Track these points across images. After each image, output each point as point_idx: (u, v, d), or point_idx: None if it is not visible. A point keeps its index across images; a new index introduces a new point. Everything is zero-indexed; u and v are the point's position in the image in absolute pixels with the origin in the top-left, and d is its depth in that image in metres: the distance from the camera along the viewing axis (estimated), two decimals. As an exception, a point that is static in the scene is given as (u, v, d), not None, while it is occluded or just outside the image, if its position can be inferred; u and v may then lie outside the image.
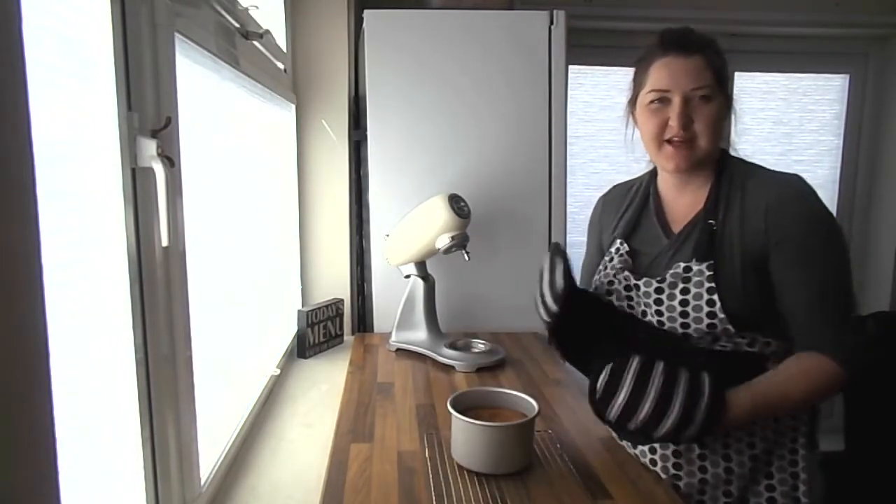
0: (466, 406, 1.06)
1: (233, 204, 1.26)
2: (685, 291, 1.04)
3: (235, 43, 1.23)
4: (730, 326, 1.01)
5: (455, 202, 1.54)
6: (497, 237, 1.86)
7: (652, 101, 1.07)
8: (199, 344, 0.98)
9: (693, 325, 1.04)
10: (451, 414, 1.01)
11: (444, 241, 1.54)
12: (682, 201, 1.13)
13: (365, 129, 1.83)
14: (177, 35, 0.88)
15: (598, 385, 0.96)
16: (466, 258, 1.59)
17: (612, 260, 1.18)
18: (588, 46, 2.60)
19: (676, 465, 1.10)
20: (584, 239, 1.39)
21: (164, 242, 0.81)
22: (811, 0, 2.60)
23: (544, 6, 1.81)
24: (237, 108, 1.30)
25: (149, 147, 0.77)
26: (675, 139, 1.05)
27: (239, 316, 1.30)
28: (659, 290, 1.07)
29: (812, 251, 0.99)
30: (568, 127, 1.89)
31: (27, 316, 0.47)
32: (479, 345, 1.62)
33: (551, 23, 1.81)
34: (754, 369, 1.01)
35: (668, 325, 1.06)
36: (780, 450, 1.07)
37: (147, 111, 0.80)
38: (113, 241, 0.75)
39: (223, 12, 1.17)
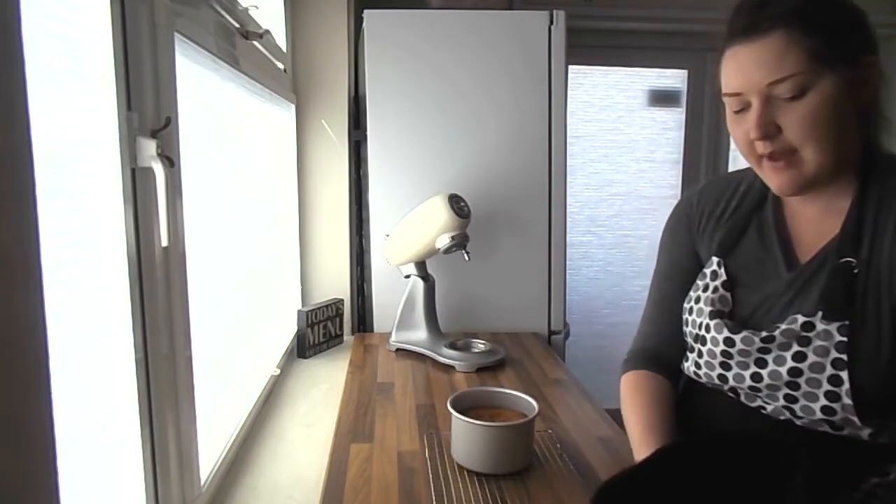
0: (466, 406, 1.06)
1: (232, 204, 1.26)
2: (799, 357, 0.74)
3: (235, 43, 1.23)
4: (854, 417, 0.72)
5: (455, 202, 1.54)
6: (497, 237, 1.86)
7: (734, 110, 0.79)
8: (199, 344, 0.98)
9: (801, 402, 0.75)
10: (451, 414, 1.01)
11: (444, 241, 1.54)
12: (812, 216, 0.81)
13: (365, 129, 1.83)
14: (177, 35, 0.88)
15: None
16: (466, 258, 1.60)
17: (706, 290, 0.86)
18: (588, 46, 2.60)
19: None
20: (583, 239, 1.25)
21: (164, 242, 0.81)
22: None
23: (544, 6, 1.81)
24: (237, 108, 1.30)
25: (149, 147, 0.77)
26: (765, 155, 0.77)
27: (239, 316, 1.30)
28: (764, 351, 0.77)
29: None
30: (568, 127, 1.89)
31: (27, 316, 0.47)
32: (479, 345, 1.62)
33: (551, 23, 1.81)
34: (870, 463, 0.74)
35: (765, 392, 0.78)
36: None
37: (147, 111, 0.80)
38: (113, 242, 0.75)
39: (223, 12, 1.17)
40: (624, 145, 2.81)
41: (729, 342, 0.80)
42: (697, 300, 0.87)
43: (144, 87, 0.80)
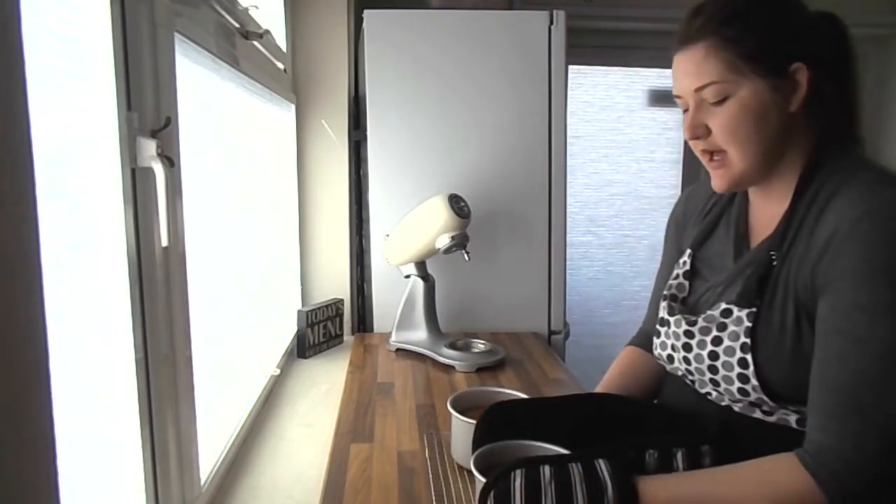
0: (466, 406, 1.05)
1: (232, 204, 1.26)
2: (717, 342, 0.80)
3: (235, 43, 1.23)
4: (764, 397, 0.77)
5: (455, 202, 1.54)
6: (497, 237, 1.86)
7: (682, 110, 0.84)
8: (199, 344, 0.98)
9: (723, 385, 0.81)
10: (451, 414, 1.01)
11: (444, 241, 1.54)
12: (767, 212, 0.86)
13: (365, 129, 1.83)
14: (177, 35, 0.88)
15: None
16: (466, 258, 1.60)
17: (675, 278, 0.95)
18: (588, 46, 2.60)
19: None
20: (584, 239, 1.32)
21: (164, 242, 0.81)
22: (811, 1, 2.60)
23: (544, 6, 1.81)
24: (237, 108, 1.30)
25: (149, 147, 0.77)
26: (702, 153, 0.83)
27: (239, 316, 1.30)
28: (688, 334, 0.85)
29: (857, 313, 0.69)
30: (568, 127, 1.89)
31: (27, 316, 0.47)
32: (479, 345, 1.62)
33: (551, 23, 1.81)
34: (770, 443, 0.77)
35: (696, 376, 0.85)
36: None
37: (147, 111, 0.80)
38: (113, 242, 0.75)
39: (223, 12, 1.17)
40: (624, 145, 2.81)
41: (666, 323, 0.89)
42: (669, 287, 0.96)
43: (144, 87, 0.80)
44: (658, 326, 0.93)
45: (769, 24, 0.78)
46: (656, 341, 0.93)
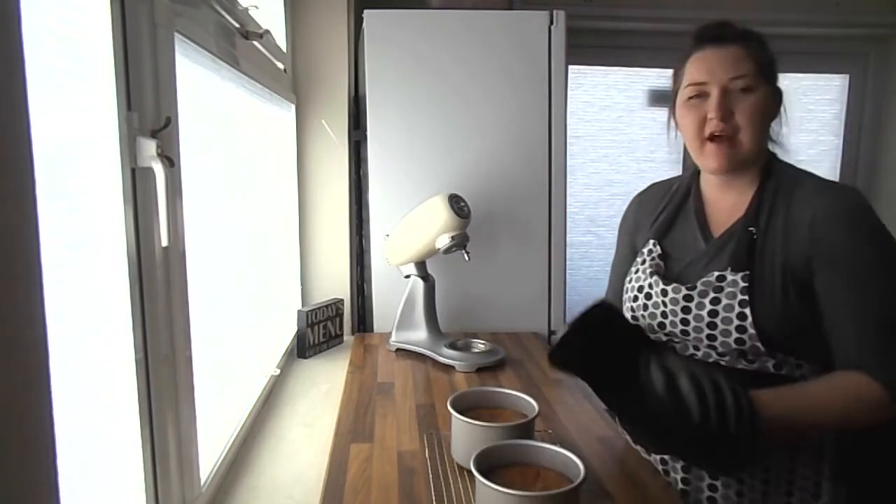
0: (466, 406, 1.05)
1: (232, 204, 1.26)
2: (715, 302, 0.97)
3: (235, 43, 1.23)
4: (759, 344, 0.94)
5: (455, 202, 1.54)
6: (497, 237, 1.86)
7: (691, 97, 1.01)
8: (199, 344, 0.98)
9: (720, 339, 0.97)
10: (451, 414, 1.01)
11: (444, 241, 1.54)
12: (725, 204, 1.06)
13: (365, 129, 1.83)
14: (177, 35, 0.88)
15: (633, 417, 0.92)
16: (466, 258, 1.60)
17: (644, 262, 1.11)
18: (588, 46, 2.60)
19: (685, 480, 1.05)
20: (583, 239, 1.38)
21: (164, 242, 0.81)
22: (811, 0, 2.60)
23: (544, 6, 1.81)
24: (237, 108, 1.30)
25: (149, 147, 0.77)
26: (716, 133, 0.98)
27: (239, 316, 1.30)
28: (688, 298, 1.00)
29: (864, 273, 0.92)
30: (568, 127, 1.89)
31: (27, 316, 0.47)
32: (479, 345, 1.62)
33: (551, 23, 1.81)
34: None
35: (692, 335, 1.00)
36: (799, 478, 0.99)
37: (147, 111, 0.80)
38: (113, 242, 0.75)
39: (223, 12, 1.17)
40: (624, 145, 2.81)
41: (664, 293, 1.04)
42: (636, 270, 1.12)
43: (144, 87, 0.80)
44: (644, 300, 1.08)
45: (770, 51, 1.03)
46: (643, 312, 1.08)
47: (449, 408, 1.02)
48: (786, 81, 1.07)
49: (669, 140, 1.10)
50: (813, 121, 2.83)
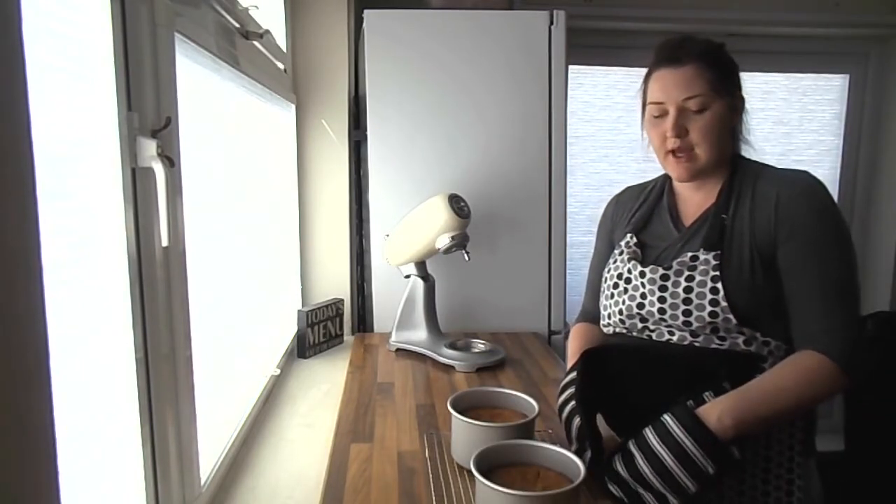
0: (466, 406, 1.06)
1: (233, 204, 1.26)
2: (690, 279, 1.05)
3: (235, 43, 1.23)
4: (731, 316, 1.01)
5: (455, 202, 1.54)
6: (497, 237, 1.86)
7: (654, 115, 1.10)
8: (199, 344, 0.98)
9: (695, 313, 1.04)
10: (451, 414, 1.01)
11: (444, 241, 1.54)
12: (696, 199, 1.15)
13: (365, 129, 1.83)
14: (177, 35, 0.88)
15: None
16: (466, 258, 1.60)
17: (621, 253, 1.19)
18: (588, 46, 2.60)
19: None
20: (584, 239, 1.39)
21: (164, 242, 0.81)
22: (811, 0, 2.60)
23: (544, 6, 1.81)
24: (237, 108, 1.30)
25: (149, 147, 0.77)
26: (674, 149, 1.08)
27: (239, 316, 1.30)
28: (664, 277, 1.08)
29: (820, 245, 1.01)
30: (568, 127, 1.89)
31: (27, 315, 0.47)
32: (479, 345, 1.62)
33: (551, 23, 1.81)
34: (749, 371, 1.00)
35: (669, 313, 1.06)
36: (773, 455, 1.06)
37: (147, 111, 0.80)
38: (113, 241, 0.75)
39: (223, 12, 1.17)
40: (624, 145, 2.80)
41: (642, 275, 1.11)
42: (614, 261, 1.19)
43: (144, 87, 0.80)
44: (624, 284, 1.15)
45: (730, 63, 1.11)
46: (622, 296, 1.14)
47: (449, 408, 1.02)
48: (786, 81, 1.08)
49: (643, 148, 1.17)
50: (813, 121, 2.82)
